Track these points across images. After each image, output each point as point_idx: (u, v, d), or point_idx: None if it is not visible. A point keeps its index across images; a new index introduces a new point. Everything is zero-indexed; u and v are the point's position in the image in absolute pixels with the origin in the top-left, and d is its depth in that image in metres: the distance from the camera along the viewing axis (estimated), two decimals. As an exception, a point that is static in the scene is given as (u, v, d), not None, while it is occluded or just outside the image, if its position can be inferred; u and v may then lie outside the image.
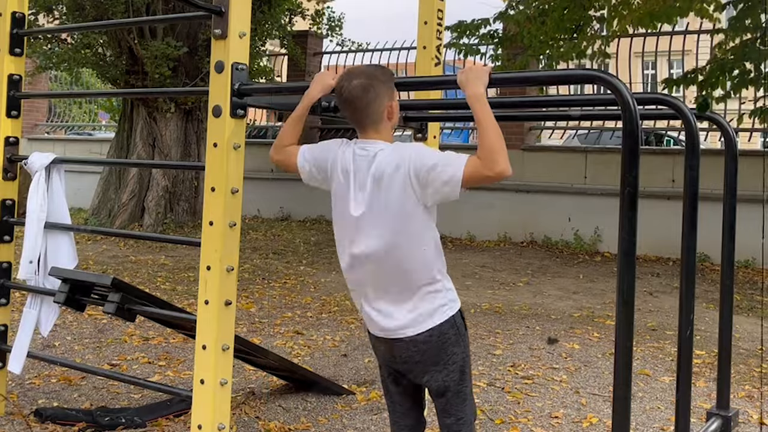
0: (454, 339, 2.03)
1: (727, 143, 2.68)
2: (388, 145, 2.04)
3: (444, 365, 2.03)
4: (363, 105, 2.04)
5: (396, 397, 2.18)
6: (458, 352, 2.04)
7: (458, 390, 2.05)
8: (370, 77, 2.05)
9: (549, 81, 2.79)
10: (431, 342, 2.00)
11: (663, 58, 10.01)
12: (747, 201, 7.47)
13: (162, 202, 9.22)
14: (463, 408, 2.07)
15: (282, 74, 11.99)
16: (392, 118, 2.09)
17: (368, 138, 2.07)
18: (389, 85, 2.08)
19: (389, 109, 2.07)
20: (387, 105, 2.06)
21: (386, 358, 2.13)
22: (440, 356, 2.02)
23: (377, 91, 2.03)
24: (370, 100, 2.03)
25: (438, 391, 2.06)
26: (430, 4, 3.21)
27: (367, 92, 2.02)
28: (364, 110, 2.05)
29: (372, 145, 2.04)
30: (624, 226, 1.73)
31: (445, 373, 2.03)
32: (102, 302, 2.77)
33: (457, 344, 2.04)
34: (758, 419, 3.44)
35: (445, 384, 2.04)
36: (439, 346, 2.01)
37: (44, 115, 14.83)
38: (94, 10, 8.50)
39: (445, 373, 2.03)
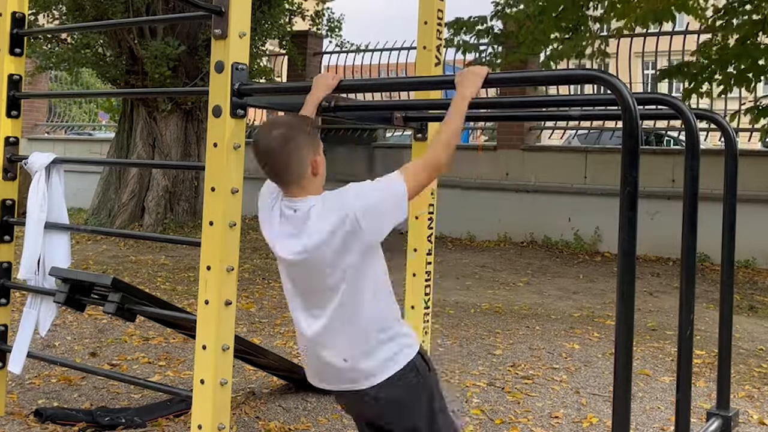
0: (416, 383, 1.92)
1: (727, 143, 2.68)
2: (318, 199, 1.88)
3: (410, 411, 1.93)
4: (282, 159, 1.86)
5: None
6: (423, 395, 1.94)
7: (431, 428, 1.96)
8: (291, 128, 1.90)
9: (549, 81, 2.79)
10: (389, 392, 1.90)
11: (663, 58, 10.00)
12: (747, 201, 7.50)
13: (162, 202, 9.22)
14: None
15: (282, 74, 11.99)
16: (317, 174, 1.90)
17: (293, 195, 1.90)
18: (313, 138, 1.91)
19: (314, 165, 1.89)
20: (311, 160, 1.88)
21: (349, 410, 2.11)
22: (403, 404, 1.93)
23: (298, 144, 1.86)
24: (290, 153, 1.85)
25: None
26: (430, 4, 3.22)
27: (286, 145, 1.85)
28: (283, 165, 1.87)
29: (301, 203, 1.88)
30: (624, 226, 1.73)
31: (414, 418, 1.94)
32: (102, 302, 2.77)
33: (422, 388, 1.93)
34: (758, 419, 3.44)
35: (416, 428, 1.95)
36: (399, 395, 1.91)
37: (44, 115, 14.83)
38: (94, 10, 8.50)
39: (414, 419, 1.94)
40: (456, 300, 5.96)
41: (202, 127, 9.43)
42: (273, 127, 1.91)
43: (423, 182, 1.91)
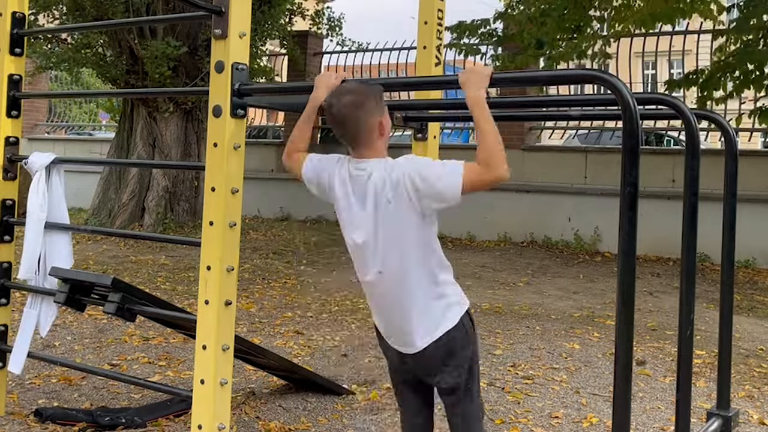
0: (463, 341, 2.06)
1: (727, 143, 2.68)
2: (383, 162, 2.03)
3: (454, 367, 2.05)
4: (353, 123, 2.02)
5: (407, 396, 2.22)
6: (467, 353, 2.07)
7: (467, 388, 2.08)
8: (360, 94, 2.04)
9: (549, 81, 2.79)
10: (440, 347, 2.03)
11: (663, 58, 10.02)
12: (747, 201, 7.50)
13: (162, 202, 9.22)
14: (471, 406, 2.10)
15: (282, 74, 11.99)
16: (384, 134, 2.06)
17: (361, 156, 2.06)
18: (380, 102, 2.07)
19: (380, 126, 2.05)
20: (378, 121, 2.04)
21: (397, 363, 2.16)
22: (450, 359, 2.05)
23: (367, 109, 2.02)
24: (360, 117, 2.01)
25: (448, 390, 2.09)
26: (430, 4, 3.21)
27: (357, 110, 2.01)
28: (354, 128, 2.03)
29: (366, 164, 2.04)
30: (624, 226, 1.73)
31: (455, 374, 2.06)
32: (102, 302, 2.77)
33: (466, 346, 2.07)
34: (758, 419, 3.44)
35: (455, 383, 2.07)
36: (448, 349, 2.04)
37: (44, 115, 14.83)
38: (94, 10, 8.50)
39: (455, 374, 2.06)
40: (456, 300, 5.95)
41: (202, 127, 9.43)
42: (344, 94, 2.04)
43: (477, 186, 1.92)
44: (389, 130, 2.10)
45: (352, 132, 2.03)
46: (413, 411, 2.22)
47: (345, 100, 2.02)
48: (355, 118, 2.01)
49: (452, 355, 2.04)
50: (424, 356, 2.05)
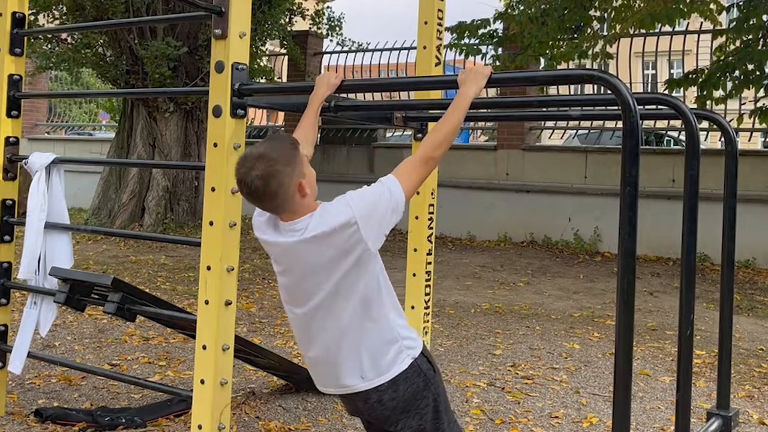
0: (422, 385, 1.94)
1: (727, 143, 2.68)
2: (315, 215, 1.87)
3: (416, 411, 1.95)
4: (270, 196, 1.84)
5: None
6: (428, 395, 1.95)
7: (435, 427, 1.97)
8: (270, 162, 1.83)
9: (549, 81, 2.79)
10: (394, 392, 1.91)
11: (663, 58, 10.02)
12: (747, 201, 7.51)
13: (162, 202, 9.21)
14: None
15: (282, 74, 11.99)
16: (306, 194, 1.87)
17: (290, 219, 1.89)
18: (293, 162, 1.86)
19: (300, 188, 1.86)
20: (295, 185, 1.85)
21: (353, 413, 2.09)
22: (409, 404, 1.93)
23: (280, 179, 1.82)
24: (275, 189, 1.83)
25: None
26: (430, 4, 3.22)
27: (269, 183, 1.82)
28: (273, 200, 1.86)
29: (299, 224, 1.87)
30: (624, 226, 1.73)
31: (417, 418, 1.95)
32: (102, 302, 2.77)
33: (426, 389, 1.94)
34: (758, 419, 3.44)
35: (421, 427, 1.96)
36: (405, 395, 1.92)
37: (44, 115, 14.83)
38: (94, 10, 8.50)
39: (418, 418, 1.95)
40: (456, 300, 5.96)
41: (202, 127, 9.44)
42: (252, 167, 1.83)
43: (417, 180, 1.93)
44: (313, 185, 1.91)
45: (271, 203, 1.88)
46: None
47: (254, 173, 1.82)
48: (268, 190, 1.83)
49: (411, 399, 1.93)
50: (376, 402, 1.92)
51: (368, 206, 1.84)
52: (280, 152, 1.86)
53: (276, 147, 1.88)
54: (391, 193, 1.86)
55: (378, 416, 1.98)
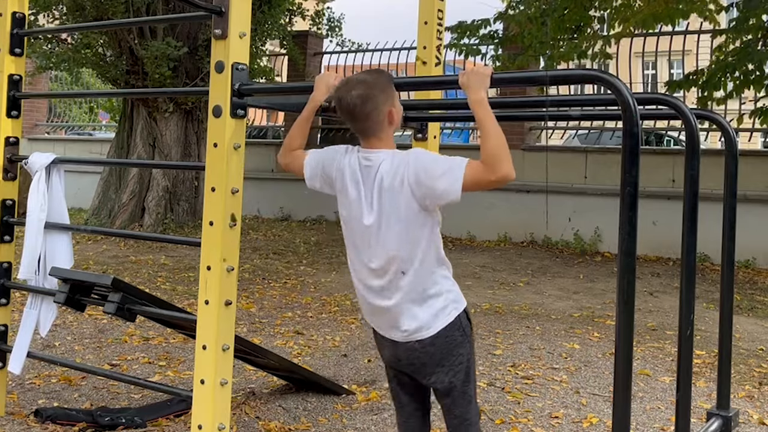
0: (460, 340, 2.05)
1: (727, 143, 2.69)
2: (391, 153, 2.04)
3: (450, 366, 2.04)
4: (364, 115, 2.03)
5: (402, 398, 2.21)
6: (464, 353, 2.06)
7: (463, 390, 2.07)
8: (369, 86, 2.04)
9: (549, 81, 2.78)
10: (437, 345, 2.02)
11: (663, 58, 10.01)
12: (747, 201, 7.51)
13: (162, 202, 9.21)
14: (468, 408, 2.09)
15: (282, 74, 11.99)
16: (393, 123, 2.08)
17: (371, 146, 2.07)
18: (389, 91, 2.07)
19: (390, 116, 2.06)
20: (387, 112, 2.05)
21: (391, 359, 2.15)
22: (446, 358, 2.04)
23: (377, 101, 2.03)
24: (370, 110, 2.02)
25: (443, 391, 2.08)
26: (430, 4, 3.21)
27: (366, 102, 2.02)
28: (365, 120, 2.04)
29: (375, 155, 2.05)
30: (624, 226, 1.73)
31: (451, 374, 2.05)
32: (102, 302, 2.77)
33: (463, 345, 2.06)
34: (758, 419, 3.44)
35: (451, 384, 2.06)
36: (444, 348, 2.03)
37: (44, 115, 14.83)
38: (94, 10, 8.50)
39: (451, 374, 2.05)
40: (456, 300, 5.95)
41: (202, 127, 9.43)
42: (352, 87, 2.04)
43: (478, 185, 1.93)
44: (399, 119, 2.11)
45: (362, 124, 2.05)
46: (408, 412, 2.21)
47: (354, 92, 2.02)
48: (364, 109, 2.02)
49: (448, 353, 2.04)
50: (419, 351, 2.04)
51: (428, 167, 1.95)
52: (379, 80, 2.07)
53: (376, 76, 2.09)
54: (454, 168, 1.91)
55: (414, 362, 2.07)
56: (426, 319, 2.01)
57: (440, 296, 2.04)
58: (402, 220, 1.99)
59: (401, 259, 2.00)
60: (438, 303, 2.03)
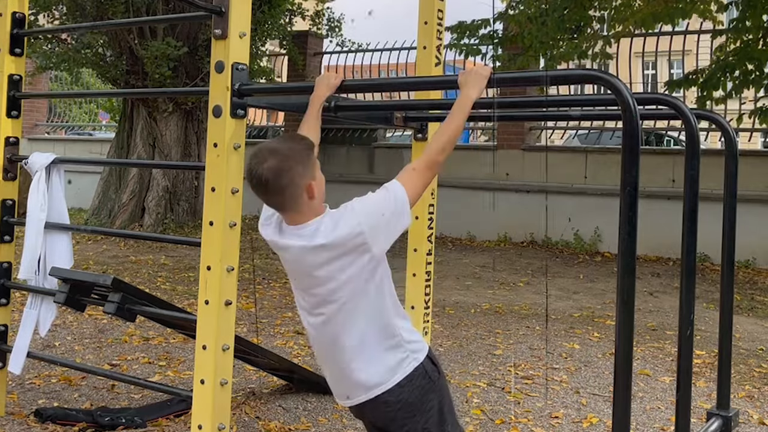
0: (428, 387, 1.94)
1: (727, 143, 2.68)
2: (324, 221, 1.87)
3: (421, 414, 1.95)
4: (278, 190, 1.84)
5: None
6: (433, 398, 1.96)
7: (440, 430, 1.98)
8: (284, 158, 1.84)
9: (549, 81, 2.78)
10: (400, 396, 1.91)
11: (663, 58, 10.02)
12: (747, 201, 7.51)
13: (162, 202, 9.22)
14: None
15: (282, 74, 11.99)
16: (314, 197, 1.87)
17: (294, 222, 1.89)
18: (307, 162, 1.88)
19: (309, 190, 1.86)
20: (306, 185, 1.85)
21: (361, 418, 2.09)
22: (414, 407, 1.94)
23: (292, 174, 1.83)
24: (285, 184, 1.83)
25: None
26: (430, 4, 3.21)
27: (280, 177, 1.83)
28: (280, 195, 1.86)
29: (305, 228, 1.88)
30: (624, 226, 1.73)
31: (422, 421, 1.95)
32: (102, 302, 2.77)
33: (432, 391, 1.95)
34: (758, 419, 3.44)
35: (426, 429, 1.96)
36: (410, 398, 1.92)
37: (44, 115, 14.83)
38: (94, 10, 8.51)
39: (423, 422, 1.95)
40: (456, 300, 5.96)
41: (202, 127, 9.44)
42: (264, 160, 1.85)
43: (421, 186, 1.93)
44: (321, 190, 1.91)
45: (278, 198, 1.87)
46: None
47: (266, 166, 1.83)
48: (279, 184, 1.83)
49: (418, 403, 1.93)
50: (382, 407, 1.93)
51: (374, 214, 1.84)
52: (294, 150, 1.88)
53: (291, 145, 1.91)
54: (396, 199, 1.86)
55: (383, 418, 1.98)
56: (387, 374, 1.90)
57: (399, 349, 1.92)
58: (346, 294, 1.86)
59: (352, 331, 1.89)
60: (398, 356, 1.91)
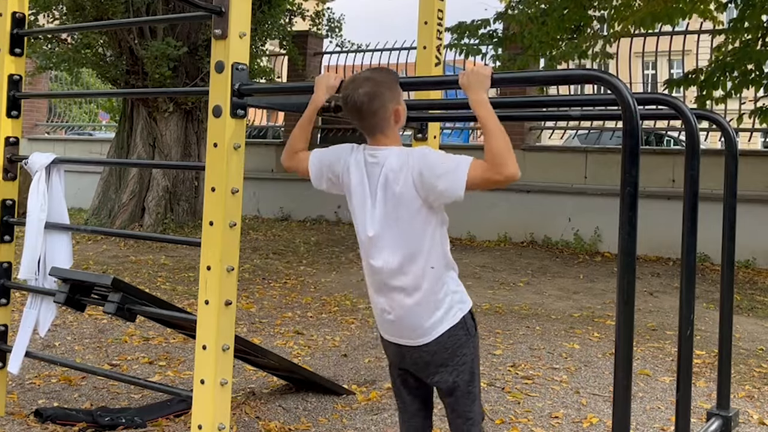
0: (464, 340, 2.05)
1: (727, 143, 2.69)
2: (396, 150, 2.04)
3: (454, 366, 2.05)
4: (370, 113, 2.04)
5: (405, 398, 2.20)
6: (467, 352, 2.06)
7: (468, 390, 2.07)
8: (377, 84, 2.04)
9: (549, 81, 2.79)
10: (441, 345, 2.02)
11: (663, 58, 10.01)
12: (747, 201, 7.50)
13: (162, 202, 9.21)
14: (472, 408, 2.09)
15: (282, 74, 11.99)
16: (399, 121, 2.08)
17: (377, 144, 2.07)
18: (395, 89, 2.08)
19: (396, 114, 2.06)
20: (393, 110, 2.05)
21: (395, 358, 2.15)
22: (450, 358, 2.04)
23: (383, 99, 2.03)
24: (377, 108, 2.03)
25: (447, 390, 2.09)
26: (430, 4, 3.22)
27: (373, 101, 2.02)
28: (371, 118, 2.05)
29: (381, 152, 2.05)
30: (624, 226, 1.73)
31: (455, 374, 2.05)
32: (102, 302, 2.77)
33: (467, 345, 2.06)
34: (758, 419, 3.44)
35: (455, 384, 2.06)
36: (449, 348, 2.03)
37: (44, 115, 14.83)
38: (94, 10, 8.50)
39: (455, 374, 2.05)
40: (456, 300, 5.95)
41: (202, 127, 9.43)
42: (359, 86, 2.04)
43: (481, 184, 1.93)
44: (404, 117, 2.11)
45: (369, 121, 2.05)
46: (411, 412, 2.21)
47: (361, 90, 2.03)
48: (371, 107, 2.02)
49: (453, 354, 2.04)
50: (424, 352, 2.04)
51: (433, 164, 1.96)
52: (386, 78, 2.08)
53: (383, 74, 2.10)
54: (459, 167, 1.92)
55: (418, 362, 2.07)
56: (432, 320, 2.01)
57: (446, 297, 2.03)
58: (408, 220, 1.99)
59: (406, 258, 2.00)
60: (443, 304, 2.02)
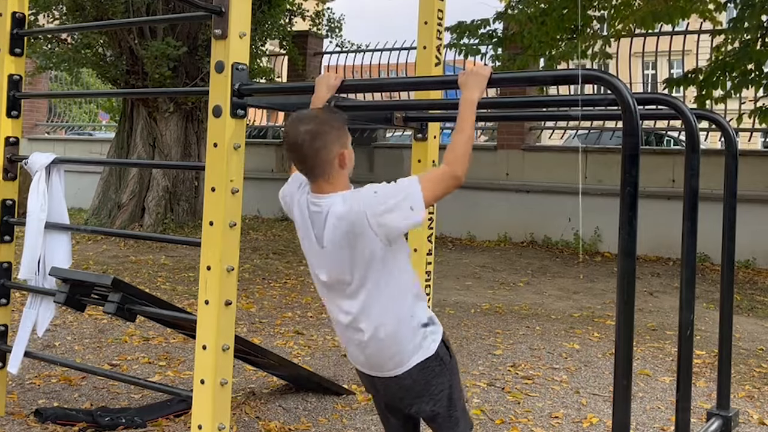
0: (438, 371, 1.98)
1: (727, 143, 2.68)
2: (339, 197, 1.92)
3: (430, 396, 1.99)
4: (311, 153, 1.91)
5: (391, 420, 2.16)
6: (443, 381, 1.99)
7: (448, 415, 2.02)
8: (321, 123, 1.93)
9: (549, 81, 2.79)
10: (413, 378, 1.96)
11: (663, 58, 10.01)
12: (747, 201, 7.51)
13: (162, 202, 9.22)
14: (456, 430, 2.05)
15: (282, 74, 11.99)
16: (344, 166, 1.95)
17: (320, 191, 1.96)
18: (341, 132, 1.96)
19: (341, 158, 1.93)
20: (338, 153, 1.93)
21: (371, 390, 2.13)
22: (425, 389, 1.98)
23: (326, 139, 1.91)
24: (318, 147, 1.90)
25: (428, 418, 2.05)
26: (430, 4, 3.22)
27: (315, 140, 1.90)
28: (312, 159, 1.92)
29: (324, 200, 1.94)
30: (624, 226, 1.73)
31: (431, 403, 1.99)
32: (102, 302, 2.77)
33: (442, 375, 1.99)
34: (758, 419, 3.44)
35: (434, 412, 2.01)
36: (422, 380, 1.97)
37: (44, 115, 14.83)
38: (94, 10, 8.50)
39: (431, 404, 2.00)
40: (456, 300, 5.96)
41: (203, 127, 9.44)
42: (302, 123, 1.93)
43: (440, 193, 1.91)
44: (351, 162, 1.98)
45: (310, 162, 1.93)
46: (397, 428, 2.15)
47: (302, 128, 1.92)
48: (312, 146, 1.90)
49: (427, 384, 1.97)
50: (396, 385, 1.98)
51: (385, 202, 1.86)
52: (331, 119, 1.97)
53: (330, 114, 2.00)
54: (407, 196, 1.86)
55: (394, 396, 2.04)
56: (402, 355, 1.94)
57: (417, 330, 1.95)
58: (361, 263, 1.90)
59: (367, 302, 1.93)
60: (416, 337, 1.95)
